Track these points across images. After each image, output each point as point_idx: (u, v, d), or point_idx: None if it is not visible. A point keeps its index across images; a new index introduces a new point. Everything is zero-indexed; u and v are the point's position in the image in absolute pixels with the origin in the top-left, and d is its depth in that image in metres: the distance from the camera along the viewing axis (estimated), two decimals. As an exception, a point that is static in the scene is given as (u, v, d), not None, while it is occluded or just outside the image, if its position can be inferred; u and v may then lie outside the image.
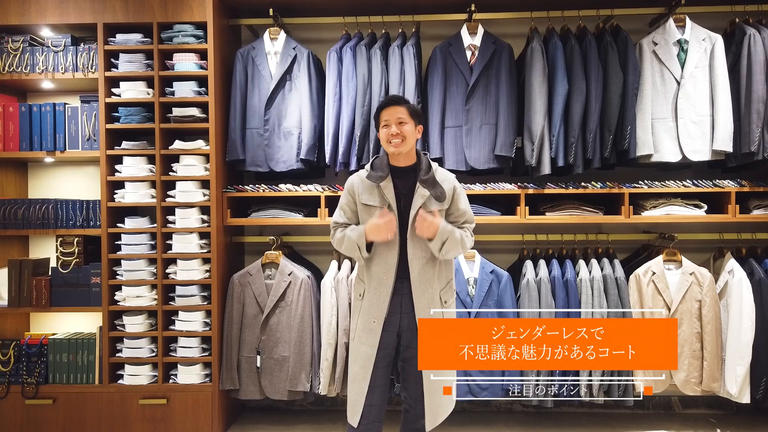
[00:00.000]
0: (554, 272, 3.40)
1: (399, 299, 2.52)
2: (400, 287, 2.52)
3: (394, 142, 2.46)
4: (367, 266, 2.53)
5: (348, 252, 2.54)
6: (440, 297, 2.53)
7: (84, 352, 3.49)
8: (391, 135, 2.46)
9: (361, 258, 2.51)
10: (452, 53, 3.46)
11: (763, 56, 3.30)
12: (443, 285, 2.56)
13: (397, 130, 2.45)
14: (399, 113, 2.47)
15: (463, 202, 2.58)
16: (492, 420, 3.69)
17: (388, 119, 2.47)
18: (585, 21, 3.52)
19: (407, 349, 2.53)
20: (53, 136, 3.53)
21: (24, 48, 3.50)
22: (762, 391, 3.33)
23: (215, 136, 3.43)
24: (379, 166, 2.55)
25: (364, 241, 2.46)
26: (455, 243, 2.44)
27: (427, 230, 2.39)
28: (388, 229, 2.38)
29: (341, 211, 2.62)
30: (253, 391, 3.44)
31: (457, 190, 2.56)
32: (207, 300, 3.49)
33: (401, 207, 2.51)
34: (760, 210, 3.42)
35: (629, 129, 3.33)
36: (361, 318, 2.55)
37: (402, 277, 2.51)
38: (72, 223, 3.51)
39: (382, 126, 2.50)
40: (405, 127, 2.47)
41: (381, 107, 2.52)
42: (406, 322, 2.51)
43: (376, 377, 2.51)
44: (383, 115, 2.49)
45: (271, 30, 3.58)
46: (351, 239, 2.50)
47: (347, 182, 2.63)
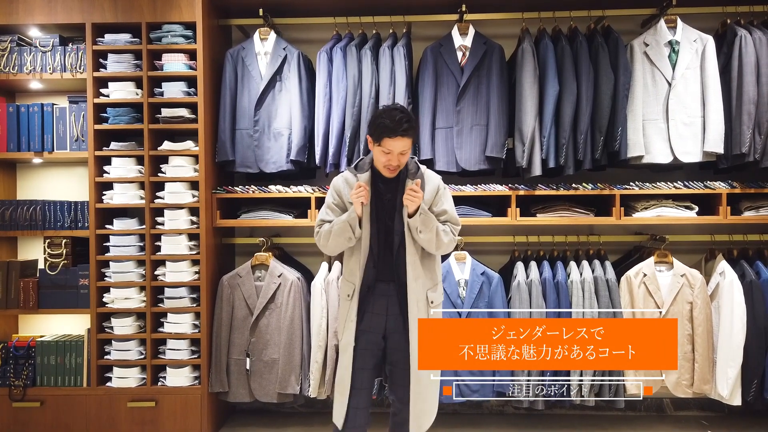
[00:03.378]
0: (545, 274, 3.38)
1: (385, 301, 2.51)
2: (386, 289, 2.50)
3: (390, 168, 2.44)
4: (355, 267, 2.52)
5: (336, 240, 2.49)
6: (427, 296, 2.52)
7: (72, 354, 3.46)
8: (390, 166, 2.43)
9: (351, 239, 2.47)
10: (443, 54, 3.45)
11: (754, 57, 3.29)
12: (430, 285, 2.55)
13: (397, 162, 2.42)
14: (404, 146, 2.40)
15: (447, 203, 2.57)
16: (483, 422, 3.68)
17: (392, 150, 2.38)
18: (576, 22, 3.51)
19: (395, 351, 2.52)
20: (41, 137, 3.50)
21: (12, 48, 3.47)
22: (753, 393, 3.32)
23: (204, 136, 3.41)
24: (360, 167, 2.56)
25: (356, 217, 2.44)
26: (432, 228, 2.43)
27: (412, 201, 2.39)
28: (358, 195, 2.40)
29: (328, 209, 2.59)
30: (242, 394, 3.42)
31: (441, 190, 2.56)
32: (196, 302, 3.47)
33: (386, 207, 2.50)
34: (752, 211, 3.42)
35: (620, 130, 3.32)
36: (349, 318, 2.53)
37: (388, 279, 2.50)
38: (60, 225, 3.48)
39: (382, 150, 2.40)
40: (404, 157, 2.45)
41: (389, 133, 2.35)
42: (393, 324, 2.50)
43: (361, 379, 2.49)
44: (388, 143, 2.37)
45: (261, 30, 3.56)
46: (341, 220, 2.47)
47: (333, 182, 2.61)
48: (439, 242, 2.47)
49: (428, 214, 2.44)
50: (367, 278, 2.51)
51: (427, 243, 2.46)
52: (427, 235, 2.44)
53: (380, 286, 2.52)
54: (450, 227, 2.54)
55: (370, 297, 2.52)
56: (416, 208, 2.42)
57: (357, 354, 2.51)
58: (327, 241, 2.52)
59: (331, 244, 2.52)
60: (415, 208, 2.42)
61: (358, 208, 2.45)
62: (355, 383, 2.49)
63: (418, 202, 2.40)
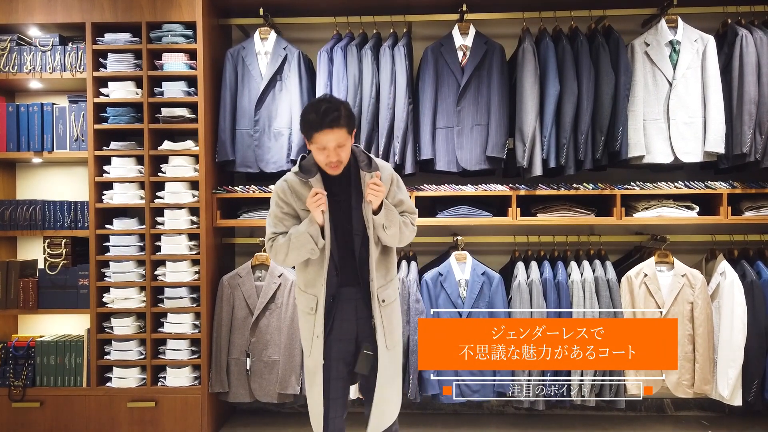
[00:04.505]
0: (546, 274, 3.38)
1: (353, 305, 2.37)
2: (352, 293, 2.36)
3: (332, 165, 2.23)
4: (315, 278, 2.35)
5: (296, 253, 2.29)
6: (377, 296, 2.36)
7: (72, 354, 3.46)
8: (330, 163, 2.23)
9: (315, 251, 2.28)
10: (444, 54, 3.44)
11: (755, 57, 3.29)
12: (389, 280, 2.42)
13: (335, 157, 2.21)
14: (337, 139, 2.18)
15: (402, 192, 2.42)
16: (483, 422, 3.68)
17: (326, 146, 2.19)
18: (577, 21, 3.51)
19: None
20: (41, 137, 3.50)
21: (11, 47, 3.46)
22: (753, 393, 3.32)
23: (204, 136, 3.40)
24: (307, 168, 2.32)
25: (317, 227, 2.25)
26: (396, 222, 2.31)
27: (376, 196, 2.24)
28: (317, 203, 2.22)
29: (277, 220, 2.35)
30: (242, 394, 3.41)
31: (394, 179, 2.39)
32: (196, 302, 3.46)
33: (342, 208, 2.33)
34: (752, 212, 3.42)
35: (621, 130, 3.32)
36: (315, 335, 2.36)
37: (353, 283, 2.36)
38: (60, 224, 3.48)
39: (317, 148, 2.21)
40: (344, 151, 2.23)
41: (314, 128, 2.18)
42: (363, 328, 2.38)
43: (336, 389, 2.39)
44: (319, 139, 2.18)
45: (262, 30, 3.55)
46: (299, 231, 2.27)
47: (276, 189, 2.37)
48: (402, 235, 2.36)
49: (391, 208, 2.31)
50: (330, 287, 2.34)
51: (391, 238, 2.33)
52: (392, 230, 2.30)
53: (345, 291, 2.36)
54: (408, 217, 2.41)
55: (335, 306, 2.36)
56: (380, 203, 2.28)
57: (331, 365, 2.36)
58: (285, 255, 2.31)
59: (290, 257, 2.31)
60: (379, 203, 2.27)
61: (318, 216, 2.25)
62: (331, 393, 2.38)
63: (382, 196, 2.26)
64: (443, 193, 3.45)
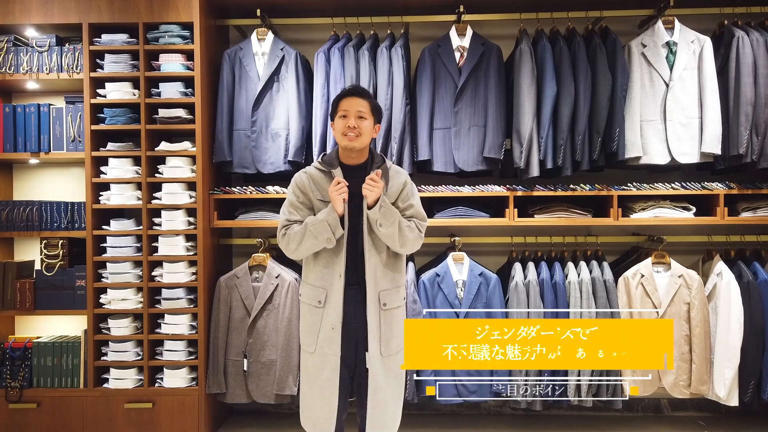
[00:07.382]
0: (543, 275, 3.38)
1: (353, 307, 2.37)
2: (354, 295, 2.37)
3: (349, 136, 2.31)
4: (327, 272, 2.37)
5: (311, 242, 2.31)
6: (379, 298, 2.38)
7: (69, 355, 3.45)
8: (348, 128, 2.30)
9: (331, 240, 2.29)
10: (441, 54, 3.45)
11: (751, 58, 3.30)
12: (390, 287, 2.42)
13: (355, 124, 2.30)
14: (360, 106, 2.32)
15: (414, 198, 2.45)
16: (481, 422, 3.68)
17: (348, 110, 2.32)
18: (574, 23, 3.51)
19: (361, 362, 2.41)
20: (38, 137, 3.49)
21: (8, 48, 3.46)
22: (750, 393, 3.33)
23: (202, 137, 3.40)
24: (329, 160, 2.41)
25: (336, 216, 2.27)
26: (394, 222, 2.31)
27: (371, 191, 2.27)
28: (339, 191, 2.28)
29: (293, 209, 2.40)
30: (239, 395, 3.41)
31: (408, 185, 2.44)
32: (193, 303, 3.46)
33: (352, 207, 2.36)
34: (749, 212, 3.42)
35: (618, 131, 3.32)
36: (323, 327, 2.36)
37: (354, 283, 2.37)
38: (57, 225, 3.47)
39: (339, 116, 2.34)
40: (364, 122, 2.33)
41: (342, 95, 2.35)
42: (361, 333, 2.38)
43: (342, 389, 2.38)
44: (342, 105, 2.33)
45: (259, 30, 3.55)
46: (317, 219, 2.29)
47: (295, 178, 2.45)
48: (403, 238, 2.34)
49: (390, 207, 2.31)
50: (342, 283, 2.35)
51: (389, 238, 2.32)
52: (388, 229, 2.30)
53: (348, 291, 2.37)
54: (416, 223, 2.41)
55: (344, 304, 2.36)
56: (376, 199, 2.29)
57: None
58: (298, 244, 2.32)
59: (304, 246, 2.33)
60: (375, 198, 2.28)
61: (339, 206, 2.28)
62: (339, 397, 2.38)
63: (377, 193, 2.28)
64: (441, 193, 3.46)
